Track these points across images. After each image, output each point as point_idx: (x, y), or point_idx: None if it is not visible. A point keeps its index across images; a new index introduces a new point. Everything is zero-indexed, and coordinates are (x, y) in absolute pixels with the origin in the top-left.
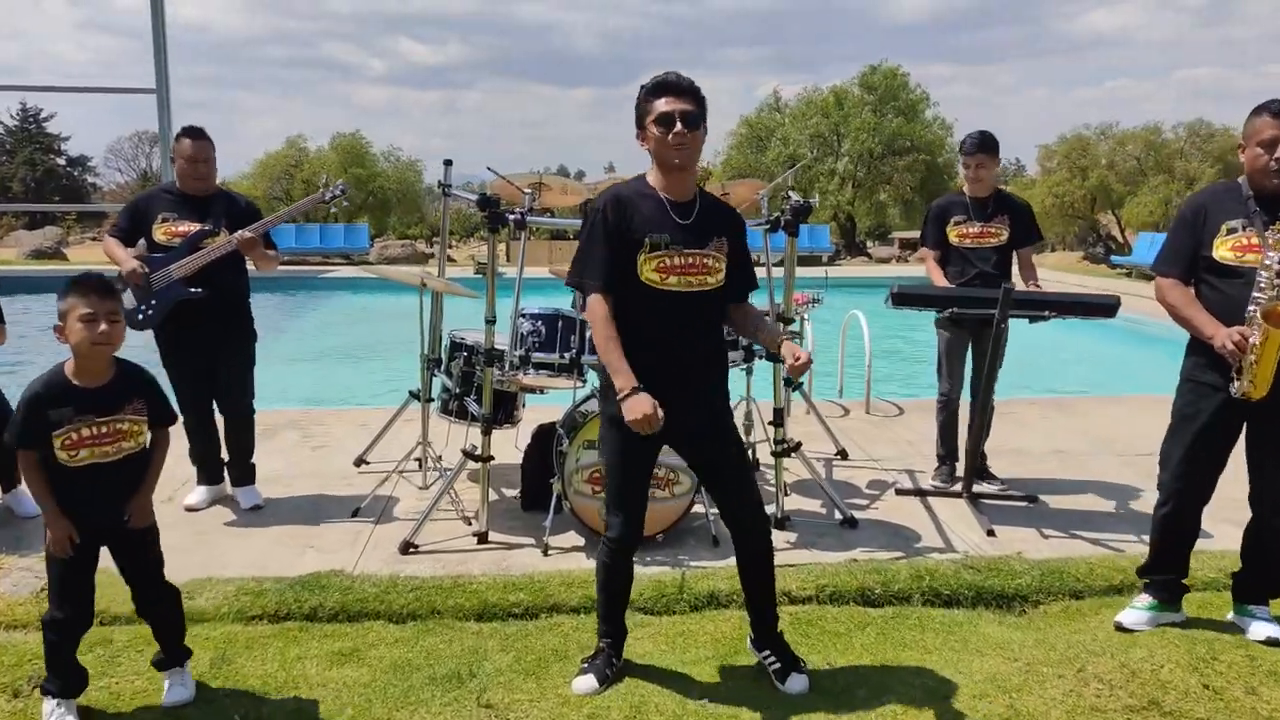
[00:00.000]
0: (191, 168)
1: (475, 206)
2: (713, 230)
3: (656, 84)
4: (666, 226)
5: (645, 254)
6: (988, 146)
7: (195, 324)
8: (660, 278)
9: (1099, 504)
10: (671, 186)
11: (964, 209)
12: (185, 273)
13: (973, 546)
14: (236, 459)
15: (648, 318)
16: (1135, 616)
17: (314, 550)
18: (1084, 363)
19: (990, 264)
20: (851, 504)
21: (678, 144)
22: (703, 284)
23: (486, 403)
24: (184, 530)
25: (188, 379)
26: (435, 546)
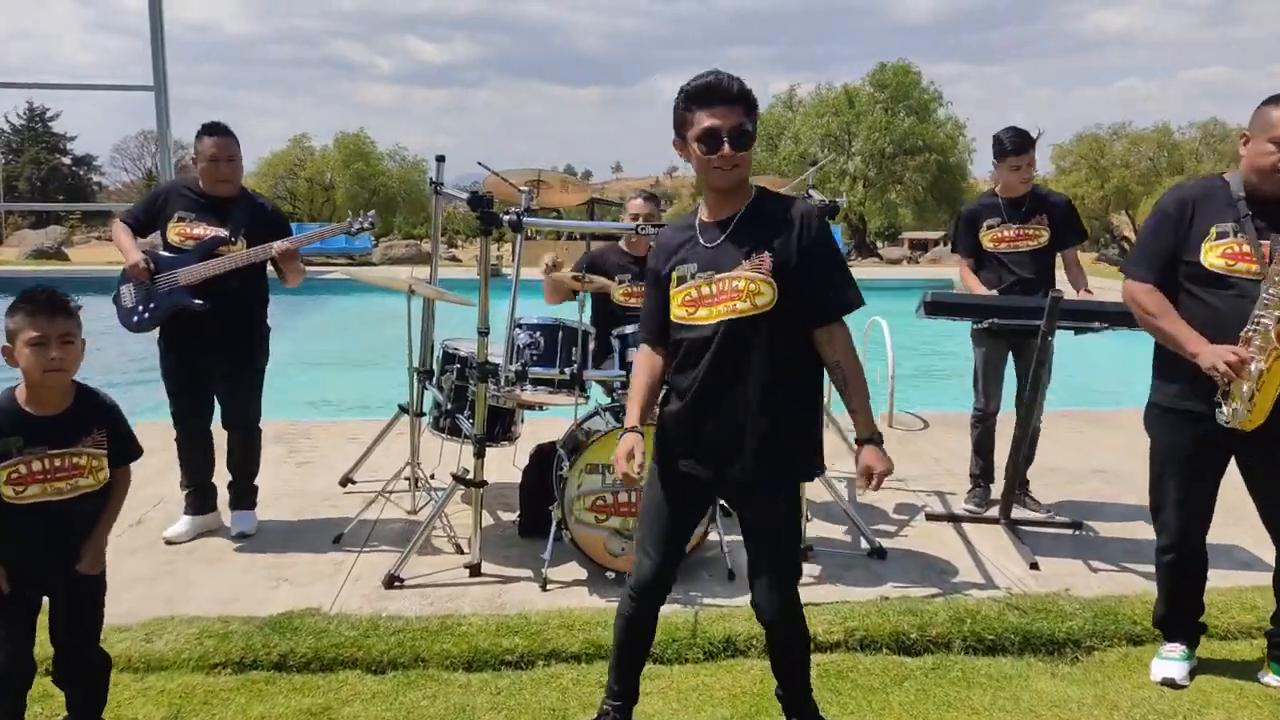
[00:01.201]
0: (214, 168)
1: (467, 206)
2: (749, 244)
3: (698, 89)
4: (694, 254)
5: (674, 289)
6: (1030, 143)
7: (199, 334)
8: (688, 312)
9: (1147, 531)
10: (713, 205)
11: (997, 211)
12: (191, 280)
13: (1015, 581)
14: (237, 478)
15: (682, 358)
16: (1179, 669)
17: (289, 583)
18: (1113, 370)
19: (1029, 269)
20: (879, 530)
21: (723, 166)
22: (731, 311)
23: (480, 422)
24: (150, 558)
25: (185, 390)
26: (423, 580)
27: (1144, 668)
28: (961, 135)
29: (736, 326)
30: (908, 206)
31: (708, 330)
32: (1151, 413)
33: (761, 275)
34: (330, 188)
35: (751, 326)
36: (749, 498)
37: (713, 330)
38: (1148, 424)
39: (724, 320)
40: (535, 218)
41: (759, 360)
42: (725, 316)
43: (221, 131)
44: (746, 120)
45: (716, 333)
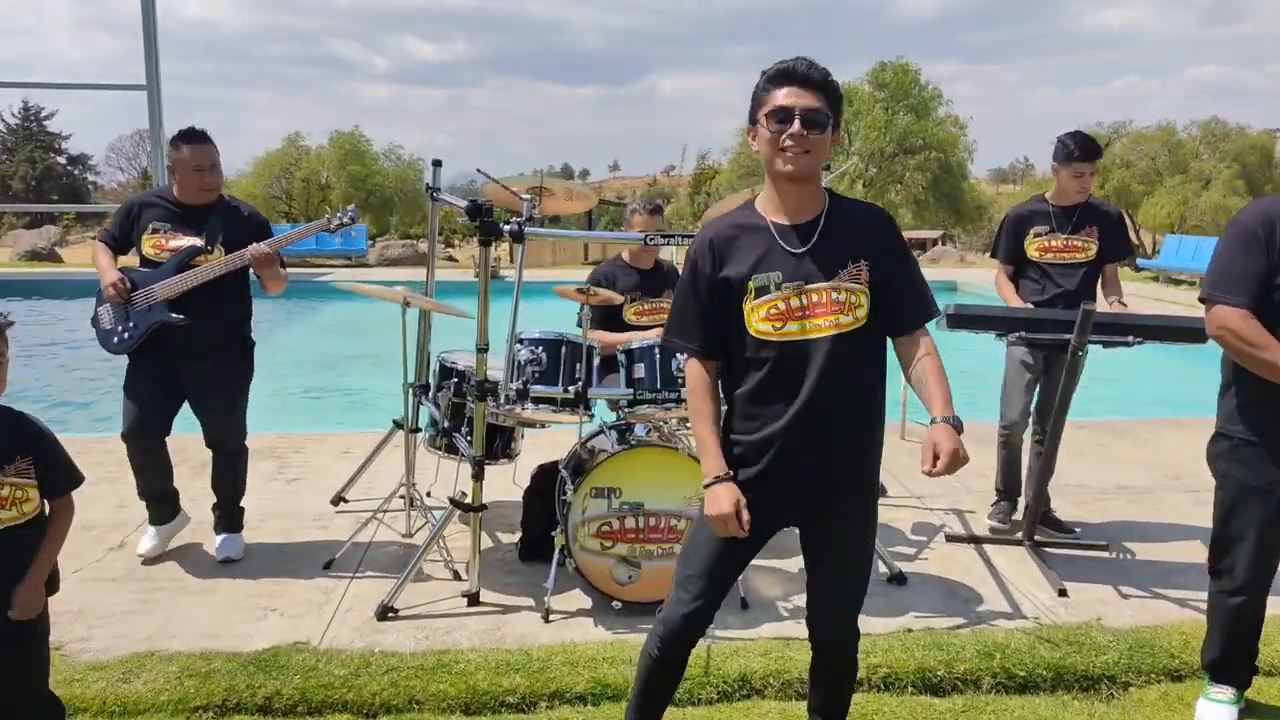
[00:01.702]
0: (197, 178)
1: (465, 215)
2: (844, 252)
3: (779, 71)
4: (776, 261)
5: (751, 301)
6: (1098, 150)
7: (180, 349)
8: (775, 326)
9: (1178, 553)
10: (785, 204)
11: (1047, 219)
12: (169, 294)
13: (1044, 610)
14: (221, 501)
15: (766, 378)
16: (1228, 715)
17: (277, 614)
18: (1132, 379)
19: (1075, 282)
20: (898, 553)
21: (793, 147)
22: (835, 325)
23: (478, 443)
24: (133, 588)
25: (142, 402)
26: (418, 610)
27: (1185, 707)
28: (962, 134)
29: (843, 342)
30: (908, 206)
31: (808, 348)
32: (1222, 445)
33: (860, 286)
34: (326, 188)
35: (850, 341)
36: (842, 529)
37: (815, 347)
38: (1216, 456)
39: (828, 336)
40: (535, 228)
41: (860, 378)
42: (830, 332)
43: (203, 139)
44: (824, 105)
45: (820, 350)
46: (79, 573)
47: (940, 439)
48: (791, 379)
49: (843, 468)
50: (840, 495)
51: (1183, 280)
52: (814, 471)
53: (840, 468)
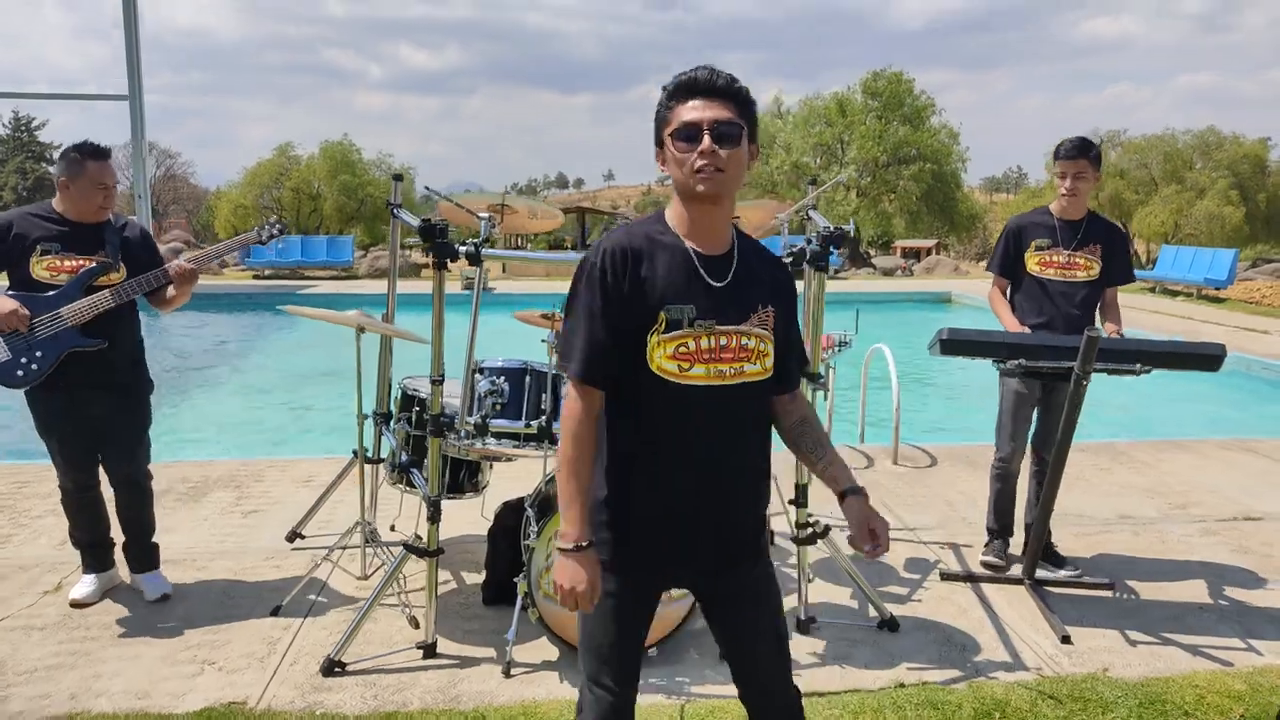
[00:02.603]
0: (102, 195)
1: (418, 234)
2: (756, 294)
3: (681, 83)
4: (692, 292)
5: (659, 334)
6: (1089, 151)
7: (86, 378)
8: (680, 367)
9: (1187, 592)
10: (699, 230)
11: (1049, 231)
12: (80, 318)
13: (1046, 660)
14: (132, 539)
15: (660, 423)
16: None
17: (215, 668)
18: (1129, 396)
19: (1075, 303)
20: (889, 593)
21: (705, 168)
22: (740, 374)
23: (433, 482)
24: (62, 637)
25: (68, 442)
26: (368, 663)
27: None
28: (955, 144)
29: (746, 393)
30: (902, 216)
31: (710, 395)
32: None
33: (767, 333)
34: (317, 197)
35: (754, 392)
36: (746, 589)
37: (718, 395)
38: None
39: (732, 385)
40: (493, 250)
41: (758, 433)
42: (734, 380)
43: (107, 155)
44: (736, 115)
45: (723, 399)
46: (6, 621)
47: (871, 515)
48: (690, 427)
49: (740, 528)
50: (738, 557)
51: (1179, 291)
52: (710, 531)
53: (737, 528)
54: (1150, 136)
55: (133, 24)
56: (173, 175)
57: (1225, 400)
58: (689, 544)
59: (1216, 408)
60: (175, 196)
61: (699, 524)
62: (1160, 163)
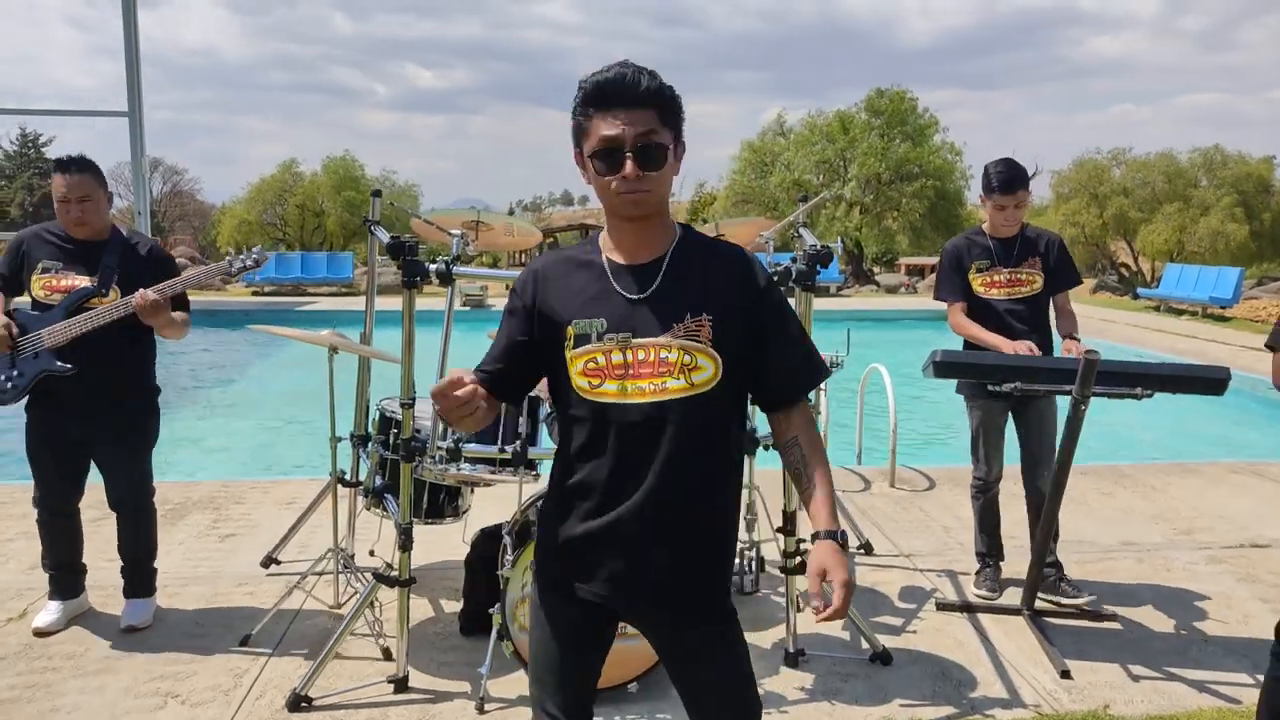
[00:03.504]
0: (64, 210)
1: (387, 252)
2: (685, 302)
3: (596, 87)
4: (604, 305)
5: (570, 349)
6: (1022, 180)
7: (74, 401)
8: (591, 383)
9: (1192, 623)
10: (624, 242)
11: (985, 252)
12: (56, 341)
13: (1045, 696)
14: (128, 563)
15: (584, 444)
16: None
17: (178, 701)
18: (1137, 416)
19: (1024, 319)
20: (882, 624)
21: (630, 191)
22: (660, 390)
23: (404, 509)
24: (22, 668)
25: (46, 467)
26: (336, 698)
27: None
28: (959, 161)
29: (672, 412)
30: (904, 233)
31: (627, 414)
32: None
33: (700, 345)
34: (321, 214)
35: (687, 412)
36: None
37: (636, 414)
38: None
39: (649, 403)
40: (464, 268)
41: (696, 460)
42: (652, 398)
43: (75, 168)
44: (660, 128)
45: (642, 419)
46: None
47: (831, 564)
48: (606, 447)
49: (687, 582)
50: (666, 594)
51: (1184, 310)
52: (628, 560)
53: (683, 581)
54: (1154, 154)
55: (133, 42)
56: (179, 191)
57: (1232, 421)
58: (627, 586)
59: (1224, 429)
60: (182, 213)
61: (637, 565)
62: (1163, 181)
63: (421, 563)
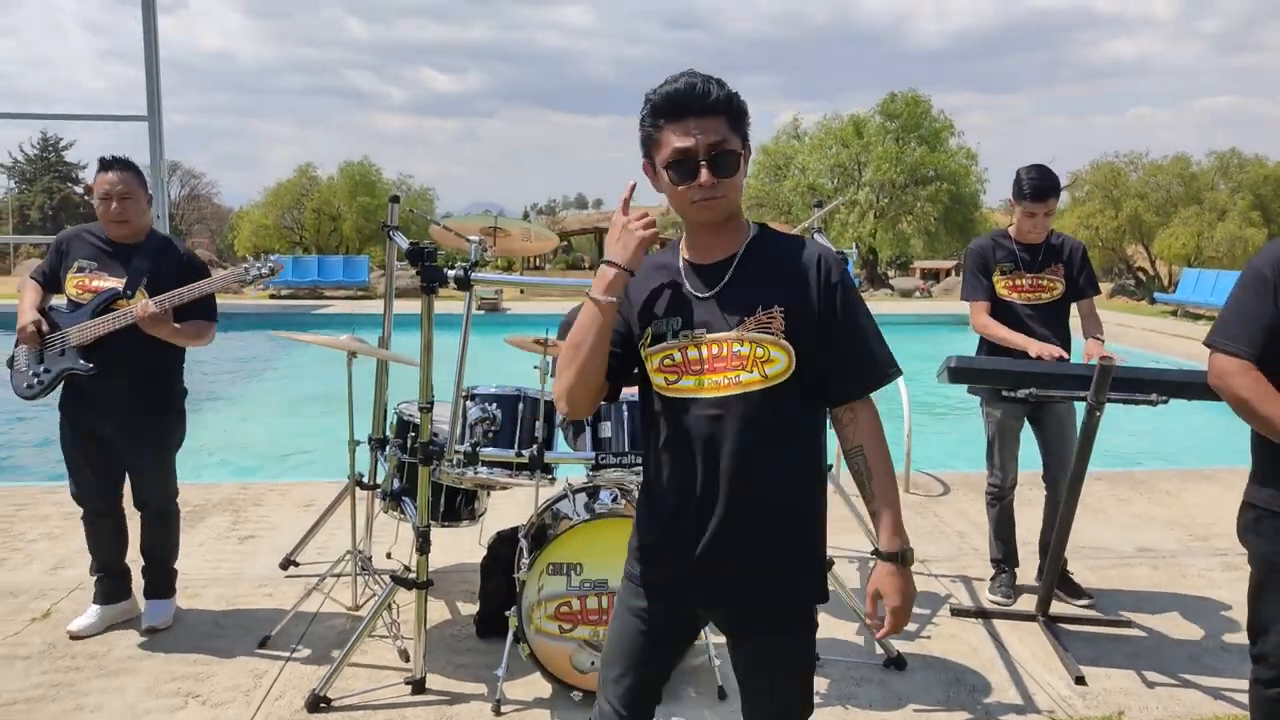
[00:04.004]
0: (105, 207)
1: (406, 258)
2: (755, 297)
3: (668, 98)
4: (677, 304)
5: (647, 347)
6: (1054, 189)
7: (100, 401)
8: (668, 380)
9: (1208, 630)
10: (699, 243)
11: (1010, 256)
12: (81, 340)
13: (1059, 702)
14: (150, 564)
15: (667, 443)
16: None
17: (199, 701)
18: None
19: (1045, 324)
20: None
21: (704, 199)
22: (736, 384)
23: (422, 512)
24: (45, 667)
25: (87, 466)
26: (355, 699)
27: None
28: (973, 165)
29: (749, 405)
30: (919, 237)
31: (706, 408)
32: (1248, 516)
33: (771, 337)
34: (337, 218)
35: (767, 405)
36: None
37: (715, 408)
38: (1244, 529)
39: (728, 396)
40: (483, 274)
41: (776, 450)
42: (729, 391)
43: (118, 166)
44: (731, 135)
45: (720, 412)
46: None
47: (888, 591)
48: (686, 443)
49: (750, 556)
50: (749, 590)
51: (1202, 315)
52: (724, 558)
53: (746, 556)
54: (1170, 157)
55: (152, 46)
56: (197, 195)
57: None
58: (707, 581)
59: (1240, 436)
60: (199, 216)
61: (716, 560)
62: (1180, 185)
63: (438, 566)
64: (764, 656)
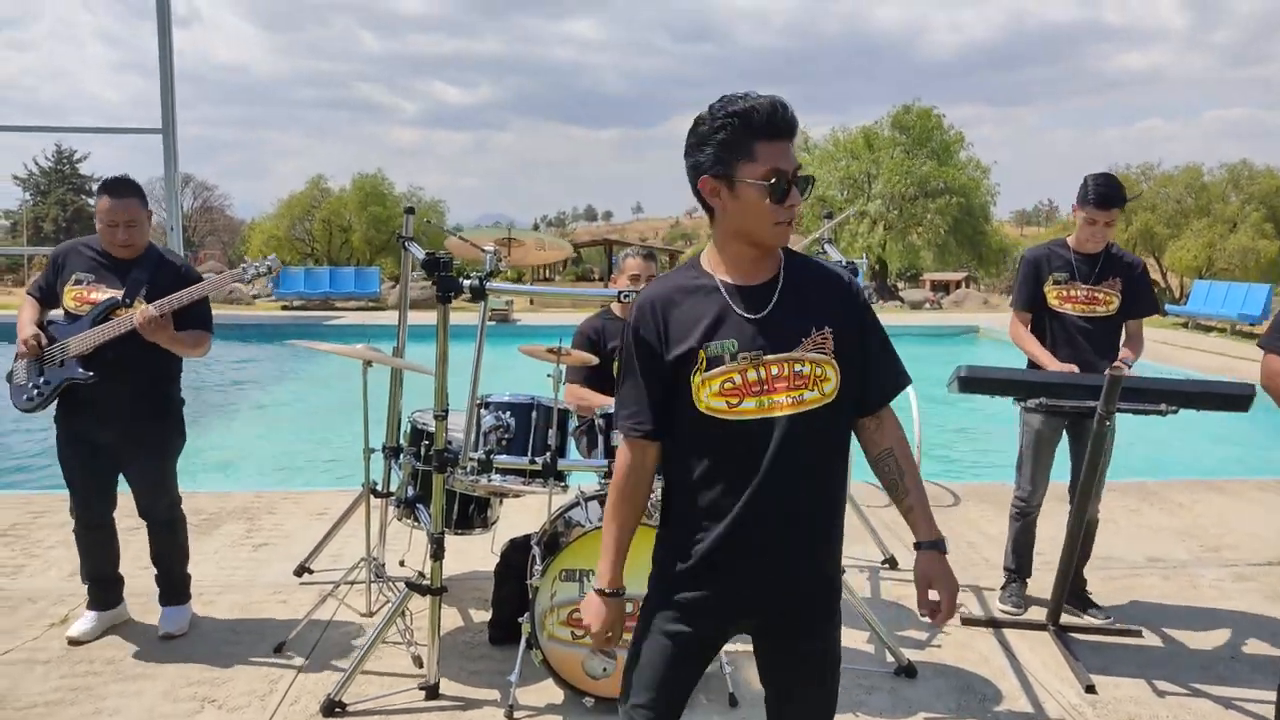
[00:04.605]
0: (111, 234)
1: (422, 268)
2: (806, 318)
3: (763, 115)
4: (730, 327)
5: (702, 373)
6: (1119, 198)
7: (98, 410)
8: (730, 403)
9: (1219, 640)
10: (742, 265)
11: (1066, 265)
12: (81, 349)
13: (1069, 711)
14: (162, 572)
15: (715, 463)
16: None
17: (215, 706)
18: (1166, 434)
19: (1095, 338)
20: (907, 637)
21: (786, 221)
22: (797, 403)
23: (436, 519)
24: (64, 671)
25: (83, 476)
26: (369, 704)
27: None
28: (984, 178)
29: (805, 422)
30: (929, 249)
31: (765, 428)
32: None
33: (826, 357)
34: (348, 229)
35: (819, 421)
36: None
37: (773, 427)
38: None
39: (789, 415)
40: (498, 284)
41: (824, 463)
42: (790, 410)
43: (122, 191)
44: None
45: (779, 431)
46: (10, 654)
47: (936, 575)
48: (745, 463)
49: (804, 565)
50: (800, 598)
51: (1213, 327)
52: (770, 571)
53: (801, 565)
54: (1181, 169)
55: (168, 59)
56: (209, 207)
57: (1259, 440)
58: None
59: (1251, 448)
60: (212, 228)
61: (751, 563)
62: (1191, 197)
63: (450, 573)
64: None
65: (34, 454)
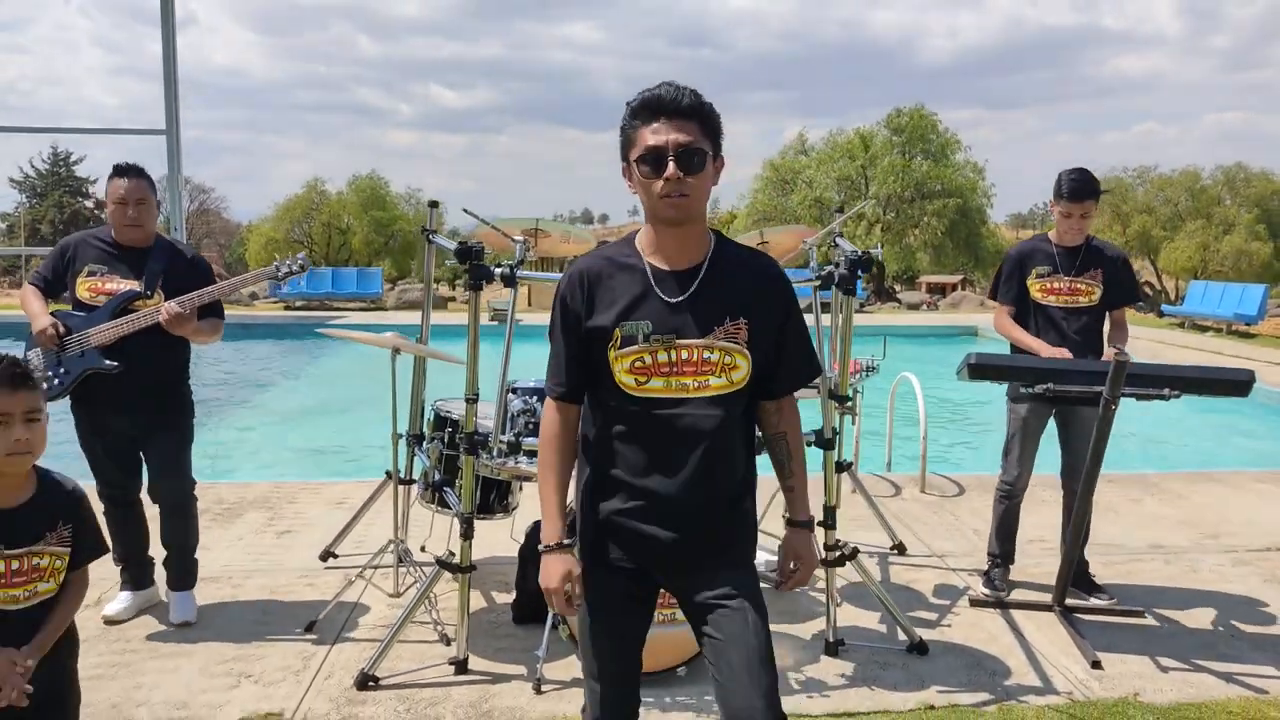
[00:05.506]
0: (121, 211)
1: (455, 256)
2: (724, 306)
3: (644, 102)
4: (648, 308)
5: (615, 349)
6: (1092, 191)
7: (115, 397)
8: (638, 380)
9: (1219, 620)
10: (665, 247)
11: (1049, 259)
12: (104, 340)
13: (1076, 685)
14: (171, 556)
15: (627, 434)
16: None
17: (251, 681)
18: (1164, 428)
19: (1078, 328)
20: (917, 618)
21: (671, 194)
22: (703, 387)
23: (466, 500)
24: (103, 649)
25: (108, 459)
26: (401, 678)
27: None
28: (980, 179)
29: (712, 406)
30: (925, 251)
31: (672, 408)
32: None
33: (737, 346)
34: (347, 231)
35: (726, 405)
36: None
37: (680, 408)
38: None
39: (695, 398)
40: (528, 272)
41: (728, 446)
42: (695, 394)
43: (133, 173)
44: (701, 139)
45: (686, 412)
46: None
47: (802, 551)
48: (653, 439)
49: (704, 542)
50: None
51: (1209, 327)
52: (674, 542)
53: (701, 541)
54: (1177, 171)
55: (171, 61)
56: (206, 210)
57: (1257, 435)
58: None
59: (1250, 442)
60: (209, 230)
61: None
62: (1187, 199)
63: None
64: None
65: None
